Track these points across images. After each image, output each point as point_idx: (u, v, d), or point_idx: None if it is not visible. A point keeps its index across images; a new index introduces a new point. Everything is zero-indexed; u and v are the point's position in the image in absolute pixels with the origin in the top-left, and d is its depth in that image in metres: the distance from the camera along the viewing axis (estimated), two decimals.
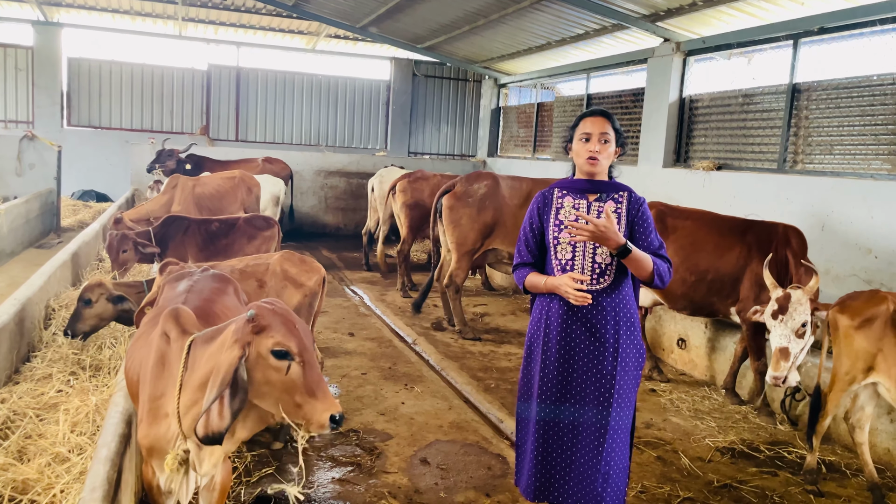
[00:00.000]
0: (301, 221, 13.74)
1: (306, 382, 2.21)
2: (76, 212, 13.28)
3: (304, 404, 2.20)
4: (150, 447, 2.51)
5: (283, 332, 2.23)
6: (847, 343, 4.07)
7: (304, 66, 16.47)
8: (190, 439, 2.38)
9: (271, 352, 2.21)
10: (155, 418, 2.47)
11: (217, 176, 9.52)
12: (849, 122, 7.03)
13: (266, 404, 2.27)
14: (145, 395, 2.52)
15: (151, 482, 2.59)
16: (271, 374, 2.21)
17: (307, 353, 2.25)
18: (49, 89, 14.49)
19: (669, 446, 4.83)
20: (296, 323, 2.31)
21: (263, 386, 2.23)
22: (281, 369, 2.20)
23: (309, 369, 2.23)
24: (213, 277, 3.36)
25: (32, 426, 3.55)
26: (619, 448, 3.01)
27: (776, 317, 4.37)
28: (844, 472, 4.55)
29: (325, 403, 2.21)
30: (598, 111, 3.06)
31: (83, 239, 7.61)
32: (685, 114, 9.33)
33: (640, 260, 2.89)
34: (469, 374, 6.08)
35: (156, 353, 2.54)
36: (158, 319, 2.91)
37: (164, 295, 3.17)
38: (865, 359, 4.00)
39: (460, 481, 4.16)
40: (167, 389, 2.44)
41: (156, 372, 2.49)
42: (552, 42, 11.67)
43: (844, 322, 4.11)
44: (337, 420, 2.21)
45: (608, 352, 2.96)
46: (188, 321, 2.60)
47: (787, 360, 4.28)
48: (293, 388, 2.21)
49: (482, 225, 7.23)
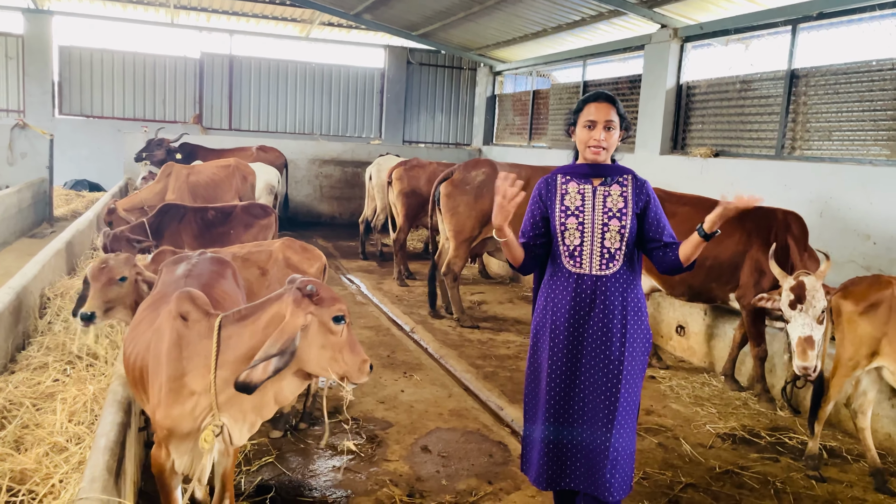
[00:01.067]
0: (296, 210, 13.67)
1: (350, 341, 2.58)
2: (69, 201, 13.17)
3: (350, 359, 2.56)
4: (172, 428, 2.54)
5: (338, 301, 2.55)
6: (851, 328, 4.05)
7: (297, 54, 16.34)
8: (224, 413, 2.54)
9: (333, 318, 2.51)
10: (178, 398, 2.51)
11: (212, 164, 9.44)
12: (847, 107, 7.00)
13: (317, 366, 2.55)
14: (161, 377, 2.53)
15: (164, 465, 2.59)
16: (330, 338, 2.52)
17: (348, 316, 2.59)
18: (40, 78, 14.34)
19: (670, 433, 4.82)
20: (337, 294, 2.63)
21: (319, 350, 2.52)
22: (339, 332, 2.53)
23: (350, 331, 2.59)
24: (212, 261, 3.33)
25: (29, 416, 3.50)
26: (627, 434, 2.98)
27: (794, 306, 4.21)
28: (846, 457, 4.55)
29: (363, 355, 2.61)
30: (603, 95, 2.99)
31: (77, 228, 7.53)
32: (682, 100, 9.29)
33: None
34: (468, 362, 6.06)
35: (171, 335, 2.57)
36: (158, 304, 2.87)
37: (163, 279, 3.13)
38: (870, 344, 3.98)
39: (462, 469, 4.13)
40: (191, 369, 2.52)
41: (173, 354, 2.54)
42: (548, 29, 11.59)
43: (848, 308, 4.08)
44: (371, 368, 2.63)
45: (616, 337, 2.93)
46: (205, 302, 2.70)
47: (813, 349, 4.08)
48: (343, 346, 2.55)
49: (480, 212, 7.18)
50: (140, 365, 2.69)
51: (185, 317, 2.59)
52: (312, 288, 2.53)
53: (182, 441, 2.57)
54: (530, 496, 3.83)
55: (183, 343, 2.54)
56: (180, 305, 2.61)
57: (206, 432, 2.51)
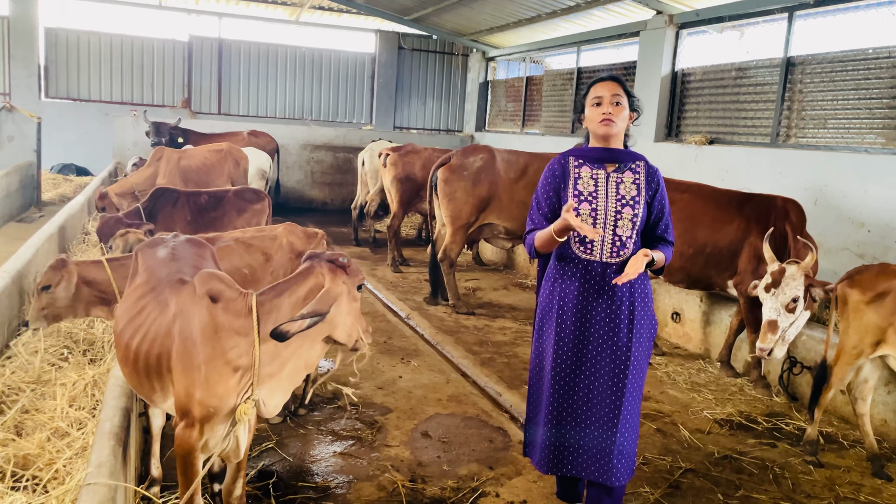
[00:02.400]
0: (287, 196, 13.57)
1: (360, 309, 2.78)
2: (56, 185, 13.00)
3: (359, 325, 2.77)
4: (218, 406, 2.57)
5: (360, 271, 2.76)
6: (856, 317, 4.07)
7: (287, 38, 16.15)
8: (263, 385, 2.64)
9: (357, 287, 2.72)
10: (221, 377, 2.55)
11: (203, 148, 9.33)
12: (843, 95, 7.02)
13: (342, 332, 2.72)
14: (198, 358, 2.55)
15: (195, 445, 2.58)
16: (353, 305, 2.72)
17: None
18: (26, 60, 14.09)
19: (668, 418, 4.84)
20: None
21: (345, 317, 2.69)
22: (358, 299, 2.75)
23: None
24: (191, 243, 3.31)
25: (29, 401, 3.45)
26: (632, 420, 2.99)
27: (769, 290, 4.41)
28: (842, 443, 4.59)
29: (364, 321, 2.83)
30: (609, 76, 3.01)
31: (69, 212, 7.44)
32: (677, 88, 9.27)
33: (659, 262, 2.97)
34: (465, 348, 6.05)
35: (202, 316, 2.59)
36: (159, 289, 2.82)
37: (144, 263, 3.06)
38: (875, 333, 4.00)
39: (462, 454, 4.13)
40: (231, 346, 2.56)
41: (209, 334, 2.57)
42: (542, 14, 11.52)
43: (855, 296, 4.10)
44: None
45: (624, 324, 2.93)
46: (232, 281, 2.76)
47: (775, 333, 4.33)
48: (359, 313, 2.77)
49: (477, 199, 7.15)
50: (157, 352, 2.65)
51: (214, 297, 2.61)
52: (345, 259, 2.70)
53: (222, 419, 2.60)
54: (532, 481, 3.84)
55: (219, 323, 2.57)
56: (208, 286, 2.65)
57: (243, 406, 2.60)
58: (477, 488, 3.74)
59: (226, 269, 3.56)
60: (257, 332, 2.56)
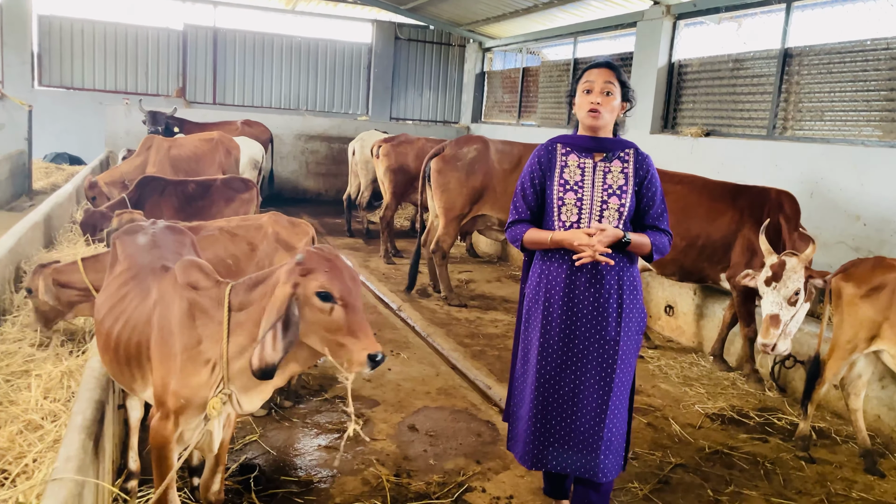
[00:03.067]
0: (281, 187, 13.48)
1: (348, 323, 2.34)
2: (48, 174, 12.88)
3: (346, 344, 2.34)
4: (190, 397, 2.49)
5: (327, 276, 2.36)
6: (851, 311, 4.00)
7: (283, 27, 16.01)
8: (234, 382, 2.49)
9: (316, 293, 2.34)
10: (195, 367, 2.47)
11: (194, 137, 9.23)
12: (840, 87, 6.93)
13: (313, 342, 2.40)
14: (174, 347, 2.48)
15: (170, 437, 2.52)
16: (317, 315, 2.35)
17: (350, 296, 2.37)
18: (18, 48, 13.94)
19: (659, 413, 4.78)
20: (342, 268, 2.42)
21: (311, 325, 2.36)
22: (325, 310, 2.34)
23: (351, 312, 2.36)
24: (171, 230, 3.25)
25: (3, 392, 3.38)
26: (620, 415, 2.92)
27: (769, 283, 4.32)
28: (835, 438, 4.54)
29: (364, 343, 2.34)
30: (604, 62, 2.91)
31: (56, 200, 7.34)
32: (674, 79, 9.18)
33: (639, 245, 2.88)
34: (456, 341, 5.98)
35: (181, 304, 2.52)
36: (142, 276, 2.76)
37: (125, 250, 2.99)
38: (870, 327, 3.94)
39: (450, 448, 4.07)
40: (206, 336, 2.49)
41: (186, 322, 2.50)
42: (539, 4, 11.41)
43: (850, 290, 4.03)
44: (376, 359, 2.33)
45: (612, 316, 2.85)
46: (211, 270, 2.67)
47: (777, 328, 4.25)
48: (336, 328, 2.34)
49: (471, 190, 7.07)
50: (137, 339, 2.60)
51: (194, 285, 2.55)
52: (301, 257, 2.41)
53: (196, 411, 2.53)
54: (519, 476, 3.78)
55: (196, 311, 2.51)
56: (187, 274, 2.58)
57: (213, 400, 2.46)
58: (463, 483, 3.68)
59: (209, 259, 3.50)
60: (227, 325, 2.45)
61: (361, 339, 2.35)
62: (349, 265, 2.49)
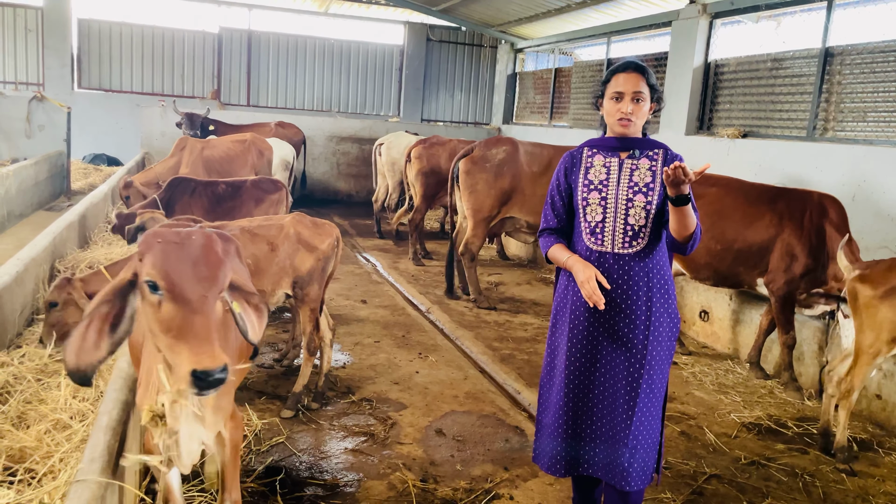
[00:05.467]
0: (313, 187, 13.55)
1: (177, 324, 1.84)
2: (87, 175, 13.12)
3: (171, 349, 1.84)
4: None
5: (157, 261, 1.88)
6: (870, 314, 3.87)
7: (316, 29, 16.11)
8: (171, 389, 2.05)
9: (146, 282, 1.91)
10: (150, 377, 2.26)
11: (227, 139, 9.31)
12: (884, 87, 6.71)
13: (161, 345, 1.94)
14: (144, 355, 2.34)
15: (152, 450, 2.41)
16: (149, 309, 1.92)
17: (182, 286, 1.88)
18: (59, 51, 14.23)
19: (693, 421, 4.66)
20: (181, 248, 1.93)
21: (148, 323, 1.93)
22: (154, 303, 1.89)
23: (182, 307, 1.85)
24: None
25: (32, 391, 3.41)
26: (649, 422, 2.82)
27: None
28: (877, 450, 4.37)
29: (191, 351, 1.79)
30: (632, 65, 2.80)
31: (91, 200, 7.45)
32: (710, 79, 9.00)
33: (691, 215, 2.63)
34: (484, 344, 5.92)
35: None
36: None
37: None
38: (890, 329, 3.80)
39: (477, 454, 4.01)
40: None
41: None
42: (572, 4, 11.29)
43: (867, 292, 3.90)
44: (206, 378, 1.76)
45: (640, 321, 2.76)
46: None
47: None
48: (164, 327, 1.86)
49: (499, 191, 7.00)
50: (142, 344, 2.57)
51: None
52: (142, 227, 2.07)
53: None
54: (548, 483, 3.70)
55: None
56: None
57: (144, 410, 2.07)
58: (490, 490, 3.61)
59: None
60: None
61: (190, 347, 1.81)
62: (203, 244, 1.98)
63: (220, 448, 2.52)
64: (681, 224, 2.65)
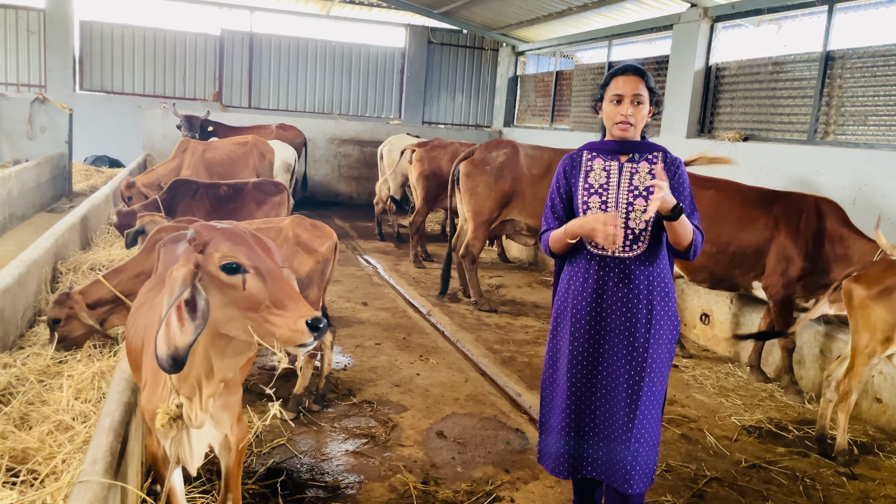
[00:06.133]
0: (314, 190, 13.56)
1: (270, 293, 1.98)
2: (88, 177, 13.14)
3: (275, 318, 1.96)
4: (153, 412, 2.31)
5: (227, 244, 2.01)
6: (864, 314, 3.89)
7: (317, 32, 16.14)
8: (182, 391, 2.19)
9: (220, 267, 2.00)
10: (157, 380, 2.29)
11: (229, 141, 9.32)
12: (885, 91, 6.72)
13: (235, 330, 2.04)
14: (148, 357, 2.34)
15: (156, 452, 2.43)
16: (229, 293, 2.01)
17: (263, 262, 2.03)
18: (61, 52, 14.26)
19: (694, 424, 4.66)
20: (244, 235, 2.09)
21: (225, 309, 2.01)
22: (237, 285, 1.99)
23: (270, 279, 2.01)
24: None
25: (35, 392, 3.41)
26: (650, 425, 2.84)
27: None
28: (877, 454, 4.37)
29: (297, 310, 1.94)
30: (632, 68, 2.82)
31: (93, 202, 7.46)
32: (711, 82, 9.01)
33: (685, 226, 2.67)
34: (485, 346, 5.93)
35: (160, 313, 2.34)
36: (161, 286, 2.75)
37: (163, 260, 2.99)
38: (884, 329, 3.82)
39: (478, 456, 4.01)
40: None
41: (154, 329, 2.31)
42: (573, 7, 11.31)
43: (860, 292, 3.92)
44: (317, 325, 1.92)
45: (641, 324, 2.77)
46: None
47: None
48: (256, 302, 1.98)
49: (500, 194, 7.01)
50: (140, 346, 2.57)
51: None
52: (191, 233, 2.07)
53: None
54: (549, 486, 3.71)
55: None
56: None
57: (159, 411, 2.15)
58: (491, 492, 3.62)
59: None
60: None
61: (291, 307, 1.97)
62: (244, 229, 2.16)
63: (225, 450, 2.54)
64: (676, 236, 2.70)
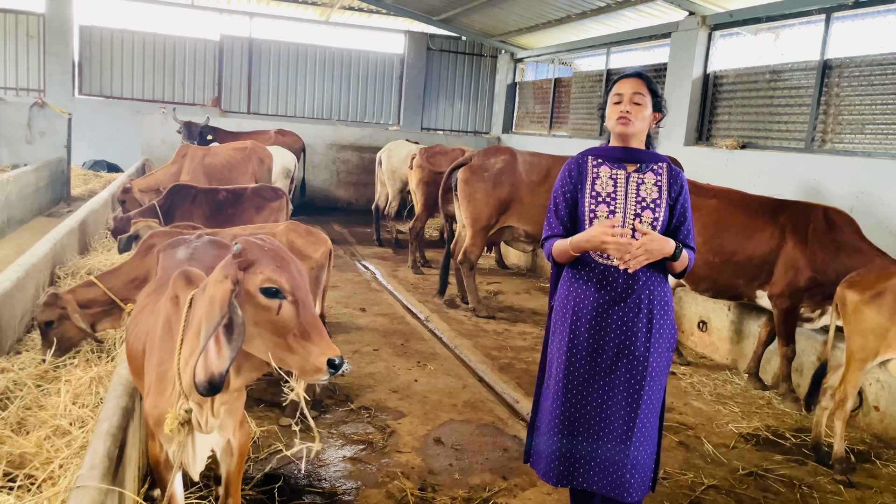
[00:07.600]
0: (313, 195, 13.57)
1: (300, 323, 2.03)
2: (87, 181, 13.16)
3: (299, 348, 2.01)
4: (159, 417, 2.32)
5: (272, 267, 2.04)
6: (857, 319, 3.91)
7: (317, 38, 16.19)
8: (191, 397, 2.21)
9: (260, 289, 2.03)
10: (163, 385, 2.29)
11: (228, 146, 9.33)
12: (882, 100, 6.76)
13: (256, 349, 2.07)
14: (152, 363, 2.34)
15: (159, 458, 2.43)
16: (261, 315, 2.04)
17: (300, 291, 2.06)
18: (60, 57, 14.29)
19: (691, 431, 4.66)
20: (289, 260, 2.11)
21: (254, 327, 2.05)
22: (271, 309, 2.02)
23: (303, 309, 2.04)
24: (213, 244, 3.20)
25: (32, 397, 3.41)
26: (649, 433, 2.84)
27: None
28: (875, 462, 4.37)
29: (321, 346, 2.01)
30: (634, 72, 2.87)
31: (91, 207, 7.47)
32: (709, 90, 9.05)
33: (684, 260, 2.79)
34: (483, 353, 5.93)
35: (164, 318, 2.37)
36: (161, 290, 2.75)
37: (162, 263, 2.99)
38: (878, 334, 3.83)
39: (475, 463, 4.01)
40: (174, 352, 2.28)
41: (164, 337, 2.32)
42: (572, 15, 11.36)
43: (853, 297, 3.94)
44: (336, 364, 2.00)
45: (641, 332, 2.78)
46: (200, 281, 2.41)
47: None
48: (285, 329, 2.02)
49: (497, 201, 7.02)
50: (142, 351, 2.56)
51: (178, 297, 2.37)
52: (238, 247, 2.08)
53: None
54: (546, 493, 3.70)
55: (171, 325, 2.31)
56: (174, 287, 2.41)
57: (168, 416, 2.17)
58: (488, 499, 3.61)
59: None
60: (181, 335, 2.20)
61: (316, 341, 2.02)
62: (293, 258, 2.19)
63: (227, 454, 2.54)
64: (674, 269, 2.84)
